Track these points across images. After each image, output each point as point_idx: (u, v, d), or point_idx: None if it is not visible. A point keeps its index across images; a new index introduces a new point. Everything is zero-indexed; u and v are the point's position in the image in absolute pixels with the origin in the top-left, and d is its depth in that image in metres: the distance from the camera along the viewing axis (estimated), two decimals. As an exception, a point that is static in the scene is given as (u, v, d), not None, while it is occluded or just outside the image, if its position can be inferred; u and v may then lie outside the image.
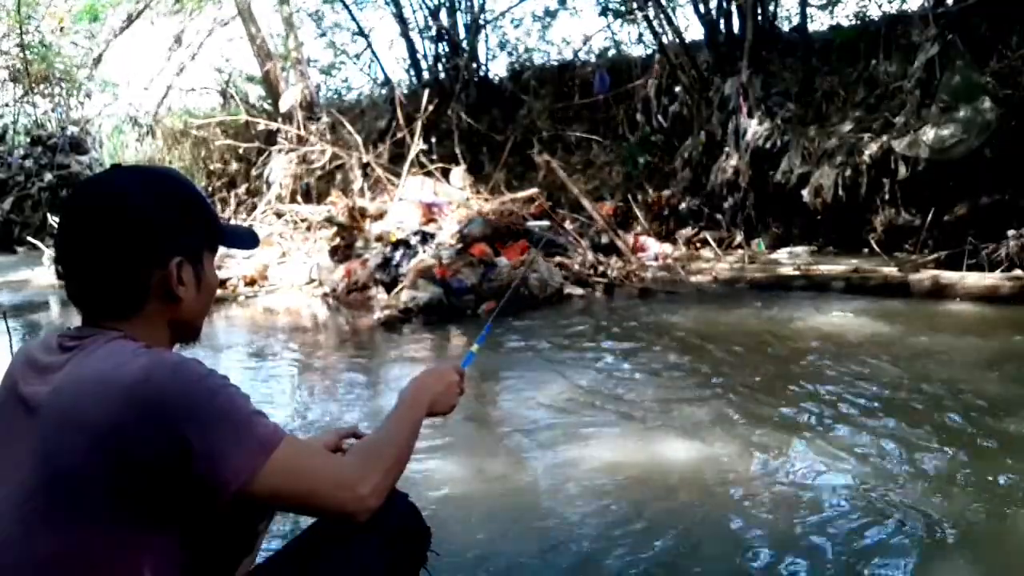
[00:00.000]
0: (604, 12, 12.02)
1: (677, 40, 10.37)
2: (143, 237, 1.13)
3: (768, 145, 8.50)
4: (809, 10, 10.18)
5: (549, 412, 3.38)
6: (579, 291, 6.15)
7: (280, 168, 11.09)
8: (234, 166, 13.99)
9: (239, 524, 1.23)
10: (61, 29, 14.98)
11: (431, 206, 7.21)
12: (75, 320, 1.19)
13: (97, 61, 16.45)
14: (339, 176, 10.58)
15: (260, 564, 1.33)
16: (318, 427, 3.37)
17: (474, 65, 12.74)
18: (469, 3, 12.93)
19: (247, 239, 1.33)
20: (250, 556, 1.35)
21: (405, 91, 12.32)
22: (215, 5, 15.02)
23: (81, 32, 16.50)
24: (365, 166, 9.48)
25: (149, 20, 16.59)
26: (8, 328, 3.63)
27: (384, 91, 13.68)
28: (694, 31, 11.49)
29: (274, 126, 11.51)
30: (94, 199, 1.15)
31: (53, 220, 11.00)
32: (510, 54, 13.61)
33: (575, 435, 3.07)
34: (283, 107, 12.06)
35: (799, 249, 7.97)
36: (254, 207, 10.82)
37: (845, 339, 4.47)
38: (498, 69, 13.80)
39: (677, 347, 4.44)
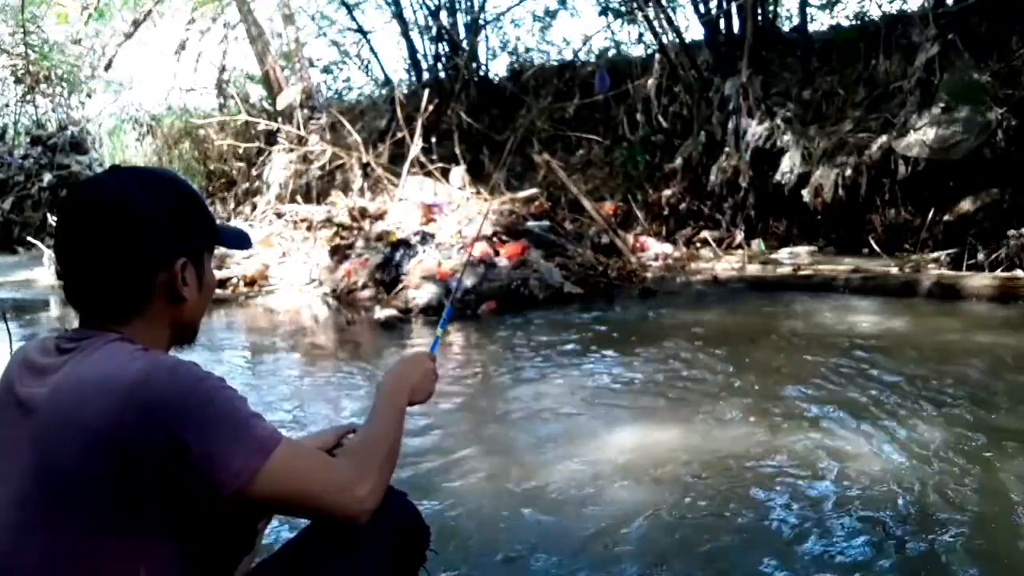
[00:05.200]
0: (604, 12, 12.02)
1: (677, 40, 10.37)
2: (149, 239, 1.13)
3: (768, 145, 8.50)
4: (809, 10, 10.18)
5: (553, 410, 3.38)
6: (579, 291, 6.14)
7: (280, 168, 11.09)
8: (234, 166, 13.99)
9: (239, 522, 1.23)
10: (66, 22, 14.90)
11: (431, 206, 7.21)
12: (75, 321, 1.19)
13: (108, 66, 16.50)
14: (339, 176, 10.58)
15: (259, 563, 1.33)
16: (317, 428, 3.37)
17: (474, 65, 12.74)
18: (469, 3, 12.94)
19: (241, 239, 1.33)
20: (250, 554, 1.35)
21: (405, 91, 12.32)
22: (217, 5, 15.02)
23: (84, 32, 16.49)
24: (365, 166, 9.48)
25: (151, 22, 16.60)
26: (8, 328, 3.63)
27: (384, 91, 13.69)
28: (694, 31, 11.51)
29: (274, 126, 11.52)
30: (98, 201, 1.14)
31: (53, 220, 10.99)
32: (510, 54, 13.64)
33: (581, 433, 3.07)
34: (281, 105, 12.06)
35: (799, 249, 7.97)
36: (254, 207, 10.82)
37: (850, 338, 4.47)
38: (498, 69, 13.82)
39: (680, 346, 4.43)
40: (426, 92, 9.65)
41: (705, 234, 8.70)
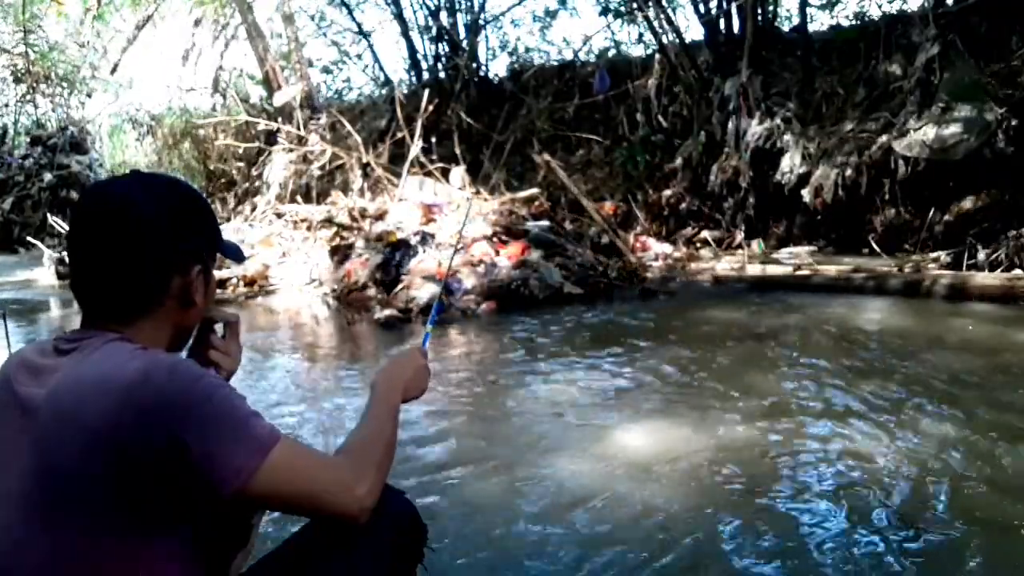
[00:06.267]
0: (604, 12, 12.03)
1: (677, 40, 10.38)
2: (151, 240, 1.15)
3: (768, 145, 8.51)
4: (809, 10, 10.19)
5: (556, 410, 3.38)
6: (579, 291, 6.14)
7: (280, 168, 11.10)
8: (234, 166, 14.01)
9: (233, 518, 1.23)
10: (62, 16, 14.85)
11: (431, 206, 7.21)
12: (75, 321, 1.19)
13: (113, 70, 16.55)
14: (339, 176, 10.59)
15: (258, 562, 1.33)
16: (317, 428, 3.37)
17: (474, 65, 12.75)
18: (469, 3, 12.96)
19: (238, 254, 1.37)
20: (244, 549, 1.35)
21: (405, 91, 12.33)
22: (218, 6, 15.03)
23: (86, 34, 16.51)
24: (365, 166, 9.49)
25: (152, 23, 16.62)
26: (6, 328, 3.63)
27: (384, 91, 13.70)
28: (694, 31, 11.53)
29: (274, 126, 11.52)
30: (103, 204, 1.16)
31: (53, 220, 11.00)
32: (510, 54, 13.66)
33: (584, 433, 3.07)
34: (278, 102, 12.08)
35: (799, 249, 7.98)
36: (254, 207, 10.83)
37: (853, 336, 4.49)
38: (498, 69, 13.86)
39: (682, 346, 4.43)
40: (426, 92, 9.66)
41: (705, 234, 8.71)
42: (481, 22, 12.99)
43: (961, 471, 2.55)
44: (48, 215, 11.81)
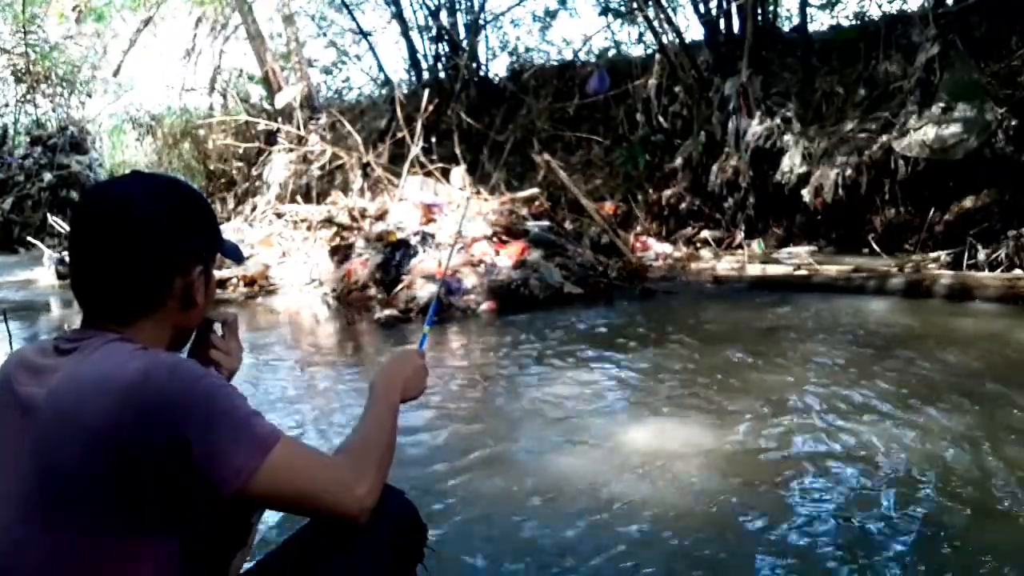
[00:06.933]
0: (604, 12, 12.02)
1: (677, 40, 10.37)
2: (151, 239, 1.15)
3: (768, 145, 8.50)
4: (809, 10, 10.19)
5: (558, 410, 3.38)
6: (579, 291, 6.14)
7: (280, 168, 11.11)
8: (234, 166, 14.01)
9: (233, 517, 1.23)
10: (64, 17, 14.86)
11: (431, 206, 7.21)
12: (76, 321, 1.19)
13: (116, 72, 16.58)
14: (339, 176, 10.59)
15: (258, 562, 1.33)
16: (317, 428, 3.37)
17: (474, 65, 12.74)
18: (469, 3, 12.95)
19: (238, 254, 1.37)
20: (244, 549, 1.35)
21: (405, 91, 12.32)
22: (219, 7, 15.02)
23: (80, 31, 16.51)
24: (365, 166, 9.49)
25: (153, 24, 16.63)
26: (8, 328, 3.64)
27: (384, 91, 13.70)
28: (694, 31, 11.52)
29: (274, 126, 11.53)
30: (103, 205, 1.17)
31: (53, 220, 11.00)
32: (510, 54, 13.65)
33: (587, 433, 3.07)
34: (279, 104, 12.08)
35: (799, 249, 7.97)
36: (254, 207, 10.83)
37: (855, 335, 4.49)
38: (498, 69, 13.83)
39: (683, 346, 4.44)
40: (426, 92, 9.65)
41: (705, 234, 8.71)
42: (481, 22, 12.99)
43: (964, 469, 2.54)
44: (48, 215, 11.81)
